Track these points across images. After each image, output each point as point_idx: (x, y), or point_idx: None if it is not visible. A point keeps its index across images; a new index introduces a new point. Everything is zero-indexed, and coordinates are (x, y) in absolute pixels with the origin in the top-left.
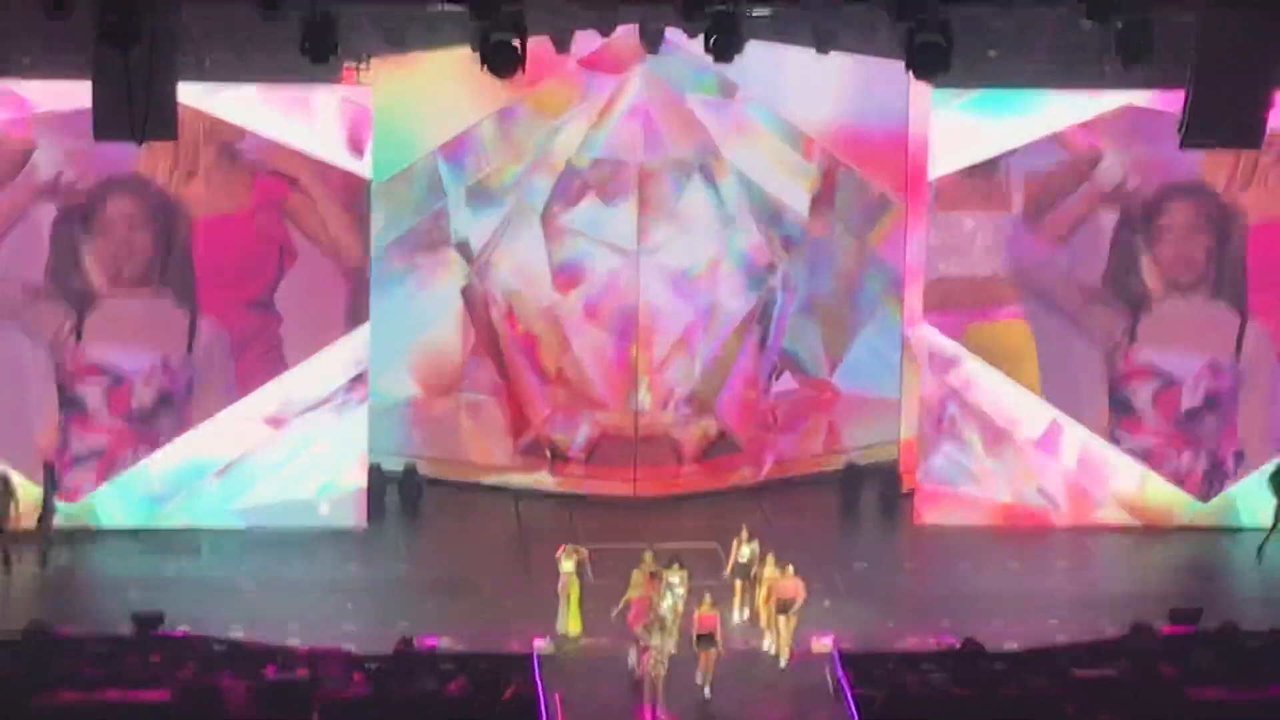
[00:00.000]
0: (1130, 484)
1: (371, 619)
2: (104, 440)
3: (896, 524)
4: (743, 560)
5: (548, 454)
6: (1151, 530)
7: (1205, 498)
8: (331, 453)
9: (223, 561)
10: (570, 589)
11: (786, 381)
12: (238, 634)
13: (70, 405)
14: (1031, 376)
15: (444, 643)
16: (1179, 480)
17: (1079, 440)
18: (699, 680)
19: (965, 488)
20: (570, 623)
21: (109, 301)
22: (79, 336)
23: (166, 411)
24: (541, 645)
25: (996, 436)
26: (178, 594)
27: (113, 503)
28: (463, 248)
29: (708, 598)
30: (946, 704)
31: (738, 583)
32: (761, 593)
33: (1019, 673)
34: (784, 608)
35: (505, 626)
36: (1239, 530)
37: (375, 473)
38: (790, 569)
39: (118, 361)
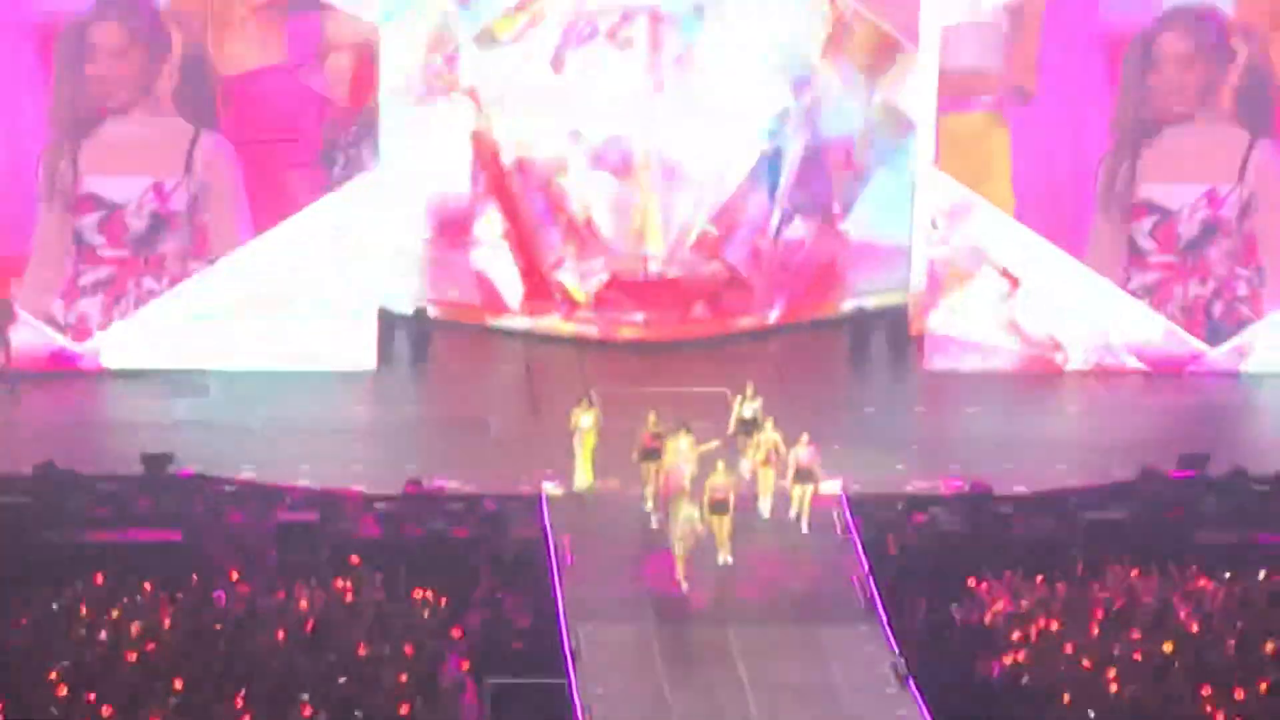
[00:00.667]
0: (1140, 328)
1: (381, 460)
2: (110, 272)
3: (905, 368)
4: (746, 416)
5: (557, 298)
6: (1160, 375)
7: (1214, 342)
8: (342, 295)
9: (232, 403)
10: (586, 443)
11: (797, 227)
12: (248, 475)
13: (74, 238)
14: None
15: (453, 484)
16: (1188, 323)
17: (1088, 284)
18: (718, 550)
19: (974, 332)
20: (585, 473)
21: (107, 127)
22: (75, 165)
23: (171, 239)
24: (550, 487)
25: (1006, 281)
26: (187, 435)
27: (122, 343)
28: (472, 93)
29: (720, 465)
30: (954, 547)
31: (740, 439)
32: (759, 456)
33: (1027, 516)
34: (803, 477)
35: (514, 468)
36: (1248, 375)
37: (385, 315)
38: (805, 437)
39: (117, 190)
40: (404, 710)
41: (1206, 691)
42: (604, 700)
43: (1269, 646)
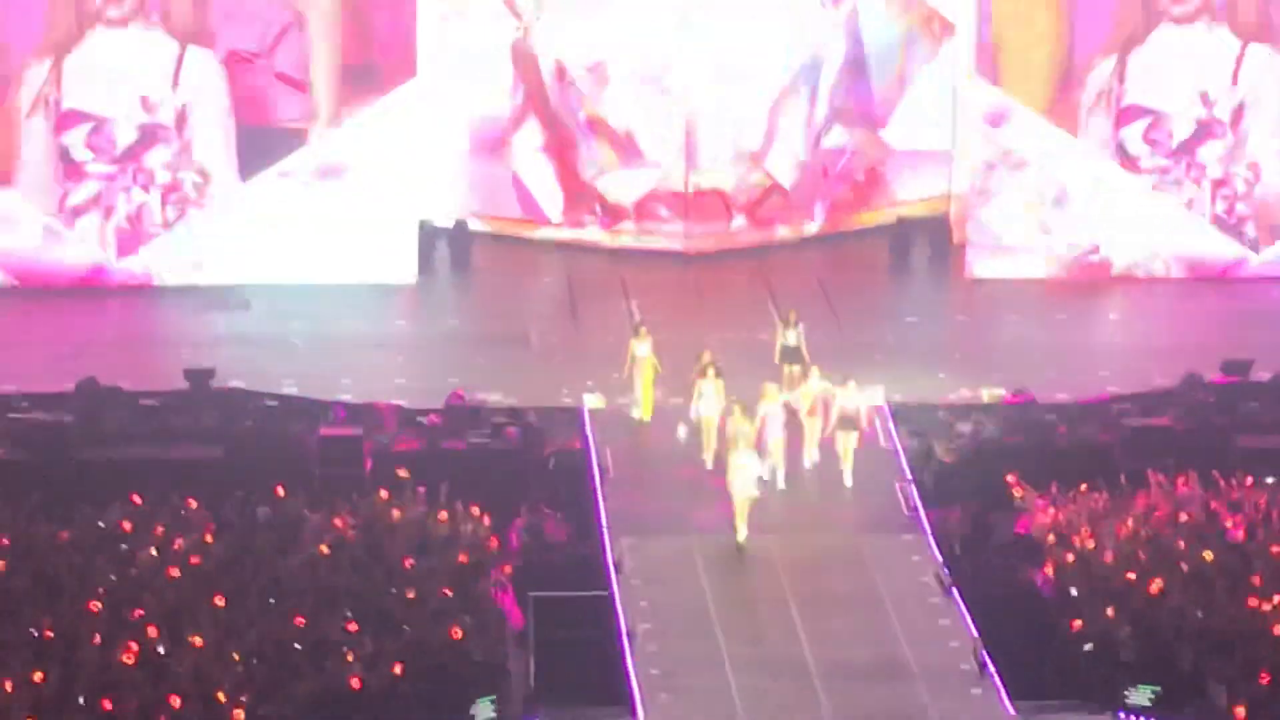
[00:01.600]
0: (1183, 235)
1: (422, 373)
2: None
3: (947, 277)
4: (790, 344)
5: (597, 209)
6: (1203, 280)
7: (1257, 247)
8: (382, 208)
9: (274, 317)
10: (645, 374)
11: (837, 135)
12: (290, 389)
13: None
14: None
15: (494, 397)
16: (1232, 230)
17: (1130, 191)
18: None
19: (1015, 240)
20: (646, 406)
21: (90, 41)
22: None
23: (163, 150)
24: (591, 400)
25: (1047, 189)
26: (229, 350)
27: (164, 259)
28: (512, 4)
29: (852, 384)
30: (997, 455)
31: (785, 369)
32: (804, 405)
33: (1070, 423)
34: (847, 424)
35: (555, 381)
36: None
37: (425, 228)
38: (852, 384)
39: (105, 104)
40: (448, 624)
41: (1252, 602)
42: (647, 613)
43: None
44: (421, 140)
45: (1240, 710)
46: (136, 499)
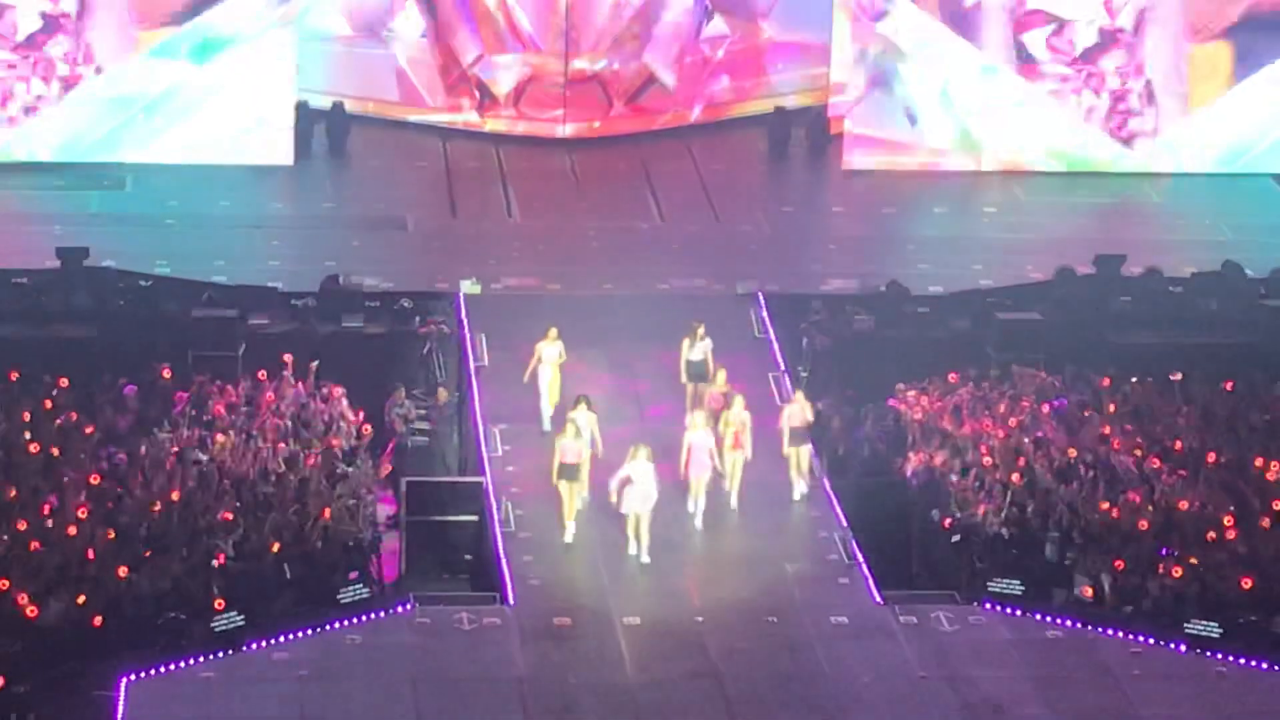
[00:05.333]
0: (1058, 128)
1: (297, 256)
2: None
3: (824, 168)
4: (695, 359)
5: (476, 94)
6: (1079, 176)
7: (1129, 141)
8: (258, 89)
9: (149, 197)
10: (552, 383)
11: (717, 25)
12: (163, 270)
13: None
14: None
15: (370, 281)
16: (1103, 123)
17: (1007, 84)
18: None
19: (893, 132)
20: (548, 417)
21: None
22: None
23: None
24: (467, 285)
25: (925, 80)
26: (103, 229)
27: (37, 135)
28: None
29: (799, 395)
30: (871, 345)
31: (690, 386)
32: (727, 439)
33: (943, 315)
34: (797, 439)
35: (431, 265)
36: (1164, 176)
37: (302, 110)
38: (799, 394)
39: None
40: (319, 507)
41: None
42: (519, 500)
43: (1178, 445)
44: (299, 22)
45: (1089, 590)
46: (9, 376)
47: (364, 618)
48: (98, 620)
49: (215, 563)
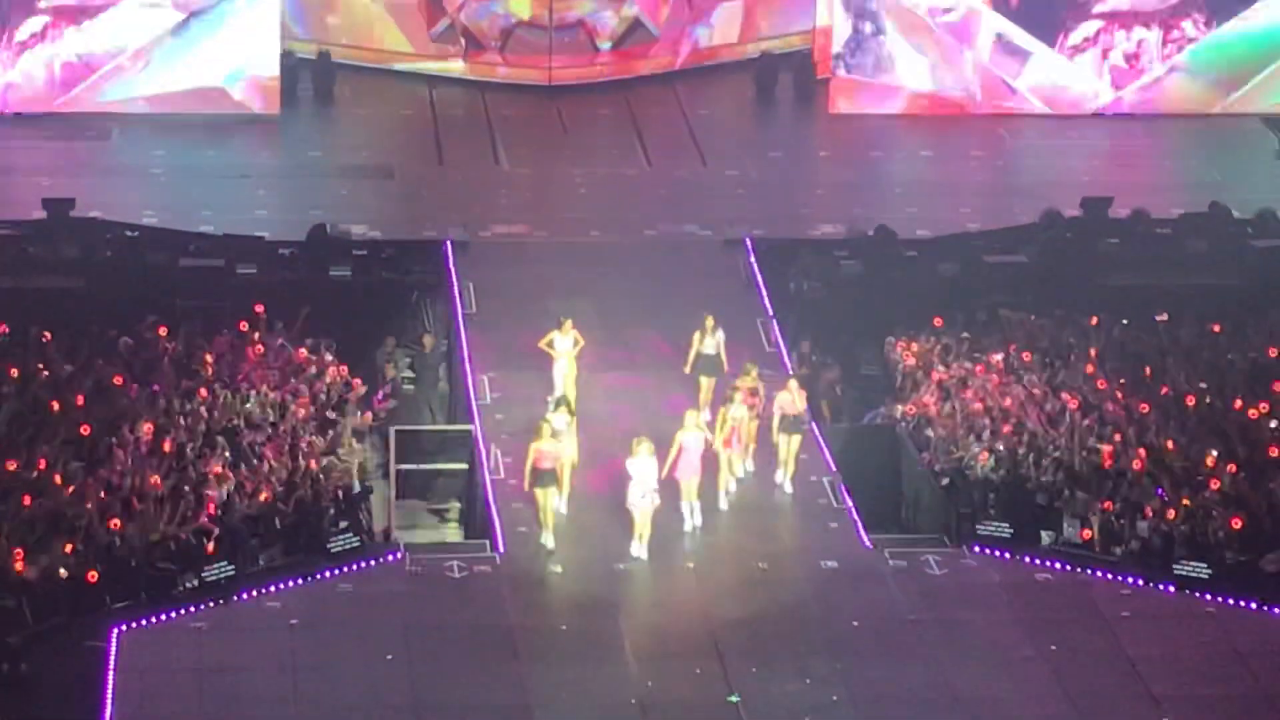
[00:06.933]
0: (1045, 71)
1: (284, 206)
2: None
3: (811, 112)
4: (708, 353)
5: (462, 41)
6: (1066, 118)
7: (1119, 83)
8: (243, 38)
9: (135, 147)
10: (568, 375)
11: None
12: (151, 220)
13: None
14: None
15: (357, 230)
16: (1091, 64)
17: (995, 27)
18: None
19: (880, 76)
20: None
21: None
22: None
23: None
24: (455, 233)
25: (912, 25)
26: (89, 180)
27: (23, 86)
28: None
29: (793, 385)
30: (857, 290)
31: (701, 380)
32: (723, 432)
33: (930, 259)
34: (790, 427)
35: (419, 214)
36: (1151, 118)
37: (288, 59)
38: (793, 383)
39: None
40: (308, 456)
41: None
42: (509, 445)
43: (1163, 390)
44: None
45: (1087, 533)
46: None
47: (354, 567)
48: (92, 575)
49: (205, 513)
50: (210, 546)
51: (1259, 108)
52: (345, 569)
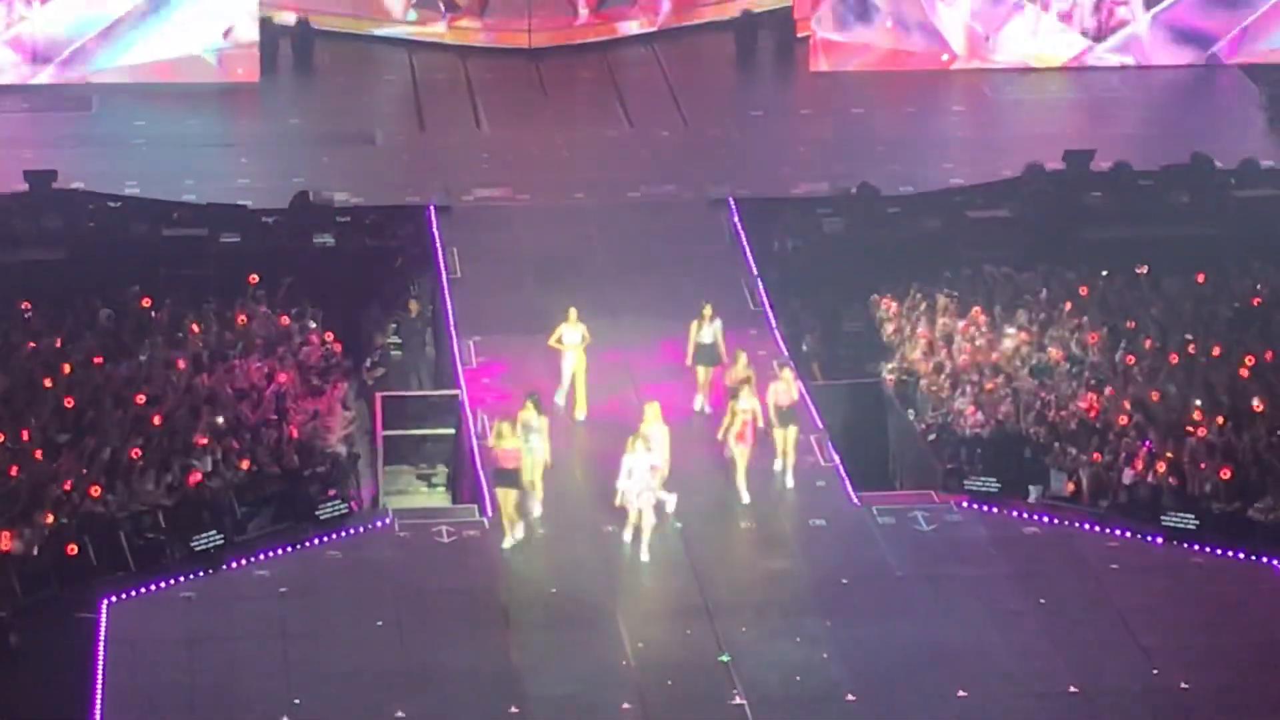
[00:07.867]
0: (1025, 24)
1: (266, 173)
2: None
3: (791, 70)
4: (705, 342)
5: (441, 6)
6: (1046, 72)
7: (1099, 36)
8: (223, 6)
9: (115, 118)
10: (578, 368)
11: None
12: (133, 190)
13: None
14: None
15: (340, 196)
16: (1071, 18)
17: None
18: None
19: (860, 33)
20: (580, 406)
21: None
22: None
23: None
24: (437, 198)
25: None
26: (70, 151)
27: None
28: None
29: (784, 371)
30: (842, 246)
31: (700, 370)
32: (734, 428)
33: (913, 215)
34: (785, 419)
35: (401, 179)
36: (1132, 69)
37: (267, 26)
38: (787, 373)
39: None
40: (292, 424)
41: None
42: (494, 410)
43: (1147, 343)
44: None
45: (1071, 485)
46: None
47: (343, 533)
48: (72, 547)
49: (192, 481)
50: (198, 515)
51: (1240, 58)
52: (334, 535)
